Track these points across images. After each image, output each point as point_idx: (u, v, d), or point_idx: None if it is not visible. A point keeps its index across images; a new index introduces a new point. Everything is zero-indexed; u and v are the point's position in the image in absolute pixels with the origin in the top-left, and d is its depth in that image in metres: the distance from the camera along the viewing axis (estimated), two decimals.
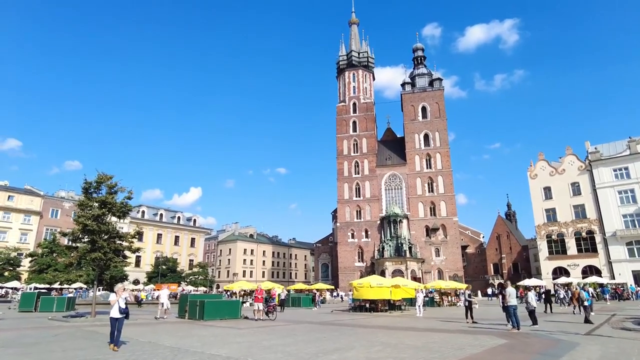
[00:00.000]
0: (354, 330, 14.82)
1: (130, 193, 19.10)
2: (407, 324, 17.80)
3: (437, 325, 16.73)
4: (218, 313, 18.90)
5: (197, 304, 18.71)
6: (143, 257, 73.59)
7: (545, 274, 54.92)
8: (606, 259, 51.36)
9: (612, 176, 52.67)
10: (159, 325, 16.49)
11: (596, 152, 54.59)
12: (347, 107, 79.10)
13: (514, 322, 13.71)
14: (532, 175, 59.31)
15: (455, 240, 68.88)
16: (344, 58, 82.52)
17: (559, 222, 55.51)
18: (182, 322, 17.92)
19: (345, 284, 69.95)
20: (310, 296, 38.26)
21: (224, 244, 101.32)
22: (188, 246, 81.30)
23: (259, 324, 17.32)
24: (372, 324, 17.93)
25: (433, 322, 18.35)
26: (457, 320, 19.51)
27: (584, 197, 54.47)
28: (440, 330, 14.63)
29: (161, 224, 77.62)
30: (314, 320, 19.66)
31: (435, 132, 73.41)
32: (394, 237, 68.01)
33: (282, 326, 16.42)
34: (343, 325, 17.14)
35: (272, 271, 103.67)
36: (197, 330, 14.61)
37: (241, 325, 16.61)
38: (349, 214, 73.69)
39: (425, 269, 67.49)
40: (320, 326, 16.52)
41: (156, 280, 61.02)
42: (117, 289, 10.49)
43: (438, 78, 77.59)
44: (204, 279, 69.62)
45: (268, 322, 18.00)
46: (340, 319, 21.04)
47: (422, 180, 71.81)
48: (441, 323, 17.94)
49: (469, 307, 25.75)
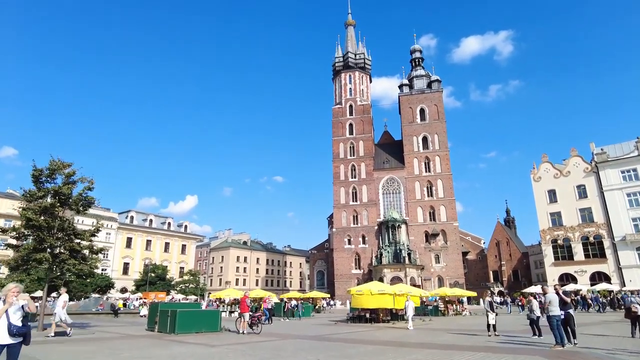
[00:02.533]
0: (355, 348, 12.02)
1: (90, 183, 16.28)
2: (419, 338, 15.00)
3: (455, 340, 13.97)
4: (193, 325, 16.08)
5: (169, 315, 15.84)
6: (131, 264, 70.61)
7: (551, 280, 52.25)
8: (616, 264, 48.92)
9: (620, 178, 50.43)
10: (111, 342, 13.59)
11: (603, 153, 52.43)
12: (344, 110, 76.83)
13: (557, 336, 11.04)
14: (535, 178, 57.01)
15: (456, 246, 66.31)
16: (339, 59, 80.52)
17: (564, 227, 53.09)
18: (147, 337, 15.05)
19: (341, 292, 67.06)
20: (305, 305, 35.40)
21: (217, 251, 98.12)
22: (179, 253, 78.09)
23: (239, 339, 14.59)
24: (377, 338, 15.18)
25: (447, 336, 15.61)
26: (474, 332, 16.85)
27: (590, 200, 52.16)
28: (464, 347, 11.92)
29: (151, 230, 74.48)
30: (307, 334, 16.83)
31: (434, 135, 71.20)
32: (392, 242, 65.39)
33: (267, 342, 13.66)
34: (341, 340, 14.40)
35: (266, 279, 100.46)
36: (157, 349, 11.70)
37: (216, 341, 13.84)
38: (345, 219, 70.98)
39: (425, 275, 64.78)
40: (313, 343, 13.78)
41: (144, 289, 57.93)
42: (4, 293, 5.84)
43: (437, 80, 75.67)
44: (194, 287, 66.69)
45: (251, 337, 15.26)
46: (338, 331, 18.26)
47: (421, 184, 69.39)
48: (458, 337, 15.19)
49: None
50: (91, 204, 16.80)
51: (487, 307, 15.31)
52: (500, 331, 16.06)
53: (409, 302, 19.73)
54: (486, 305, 15.53)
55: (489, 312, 15.00)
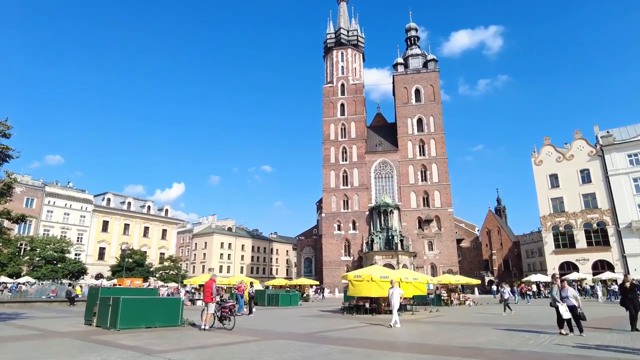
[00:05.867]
0: (366, 355, 8.34)
1: (5, 127, 12.07)
2: (443, 337, 11.28)
3: (522, 343, 10.04)
4: (143, 318, 12.26)
5: (110, 303, 11.95)
6: (108, 249, 66.27)
7: (551, 269, 49.66)
8: (620, 252, 46.44)
9: (626, 162, 47.72)
10: (12, 344, 9.54)
11: (609, 135, 49.60)
12: (335, 89, 72.71)
13: None
14: (536, 161, 54.07)
15: (450, 233, 63.42)
16: (331, 36, 76.14)
17: (566, 213, 50.38)
18: (72, 335, 11.15)
19: (330, 279, 63.88)
20: (292, 293, 31.89)
21: (200, 237, 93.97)
22: (159, 238, 73.71)
23: (200, 339, 10.73)
24: (387, 337, 11.38)
25: (495, 334, 11.94)
26: (519, 326, 13.49)
27: (594, 185, 49.44)
28: (523, 352, 8.33)
29: (129, 213, 69.87)
30: (294, 331, 13.01)
31: (429, 117, 67.72)
32: (384, 229, 62.19)
33: (237, 346, 9.76)
34: (340, 340, 10.72)
35: (251, 266, 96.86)
36: (63, 359, 7.85)
37: (166, 342, 9.98)
38: (335, 203, 67.38)
39: (418, 263, 61.86)
40: (303, 345, 9.90)
41: (121, 275, 53.71)
42: None
43: (433, 59, 71.95)
44: (175, 274, 62.74)
45: (220, 335, 11.55)
46: (333, 326, 14.53)
47: (414, 168, 66.08)
48: (514, 336, 11.37)
49: (506, 304, 20.12)
50: (9, 157, 12.54)
51: (555, 297, 11.19)
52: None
53: (395, 289, 15.05)
54: (555, 294, 11.31)
55: (559, 302, 10.87)
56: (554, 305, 10.90)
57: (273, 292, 32.59)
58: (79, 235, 63.02)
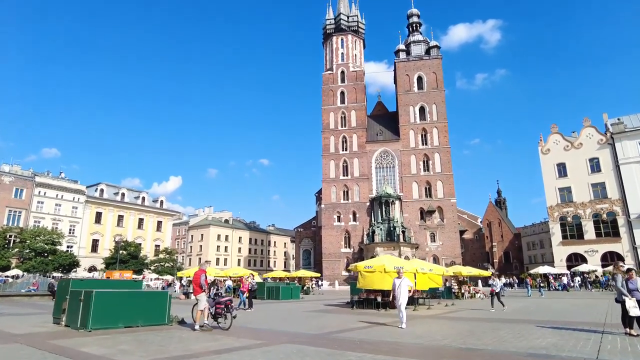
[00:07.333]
0: None
1: None
2: (490, 339, 9.36)
3: (568, 341, 8.60)
4: (121, 315, 10.24)
5: (81, 298, 9.87)
6: (101, 241, 64.34)
7: (559, 260, 48.29)
8: (630, 244, 44.98)
9: (638, 150, 46.16)
10: None
11: (619, 123, 47.91)
12: (335, 76, 70.59)
13: None
14: (543, 150, 52.39)
15: (453, 224, 61.85)
16: (331, 22, 73.85)
17: (574, 203, 48.83)
18: (27, 339, 8.92)
19: (330, 272, 62.32)
20: (292, 285, 30.18)
21: (196, 229, 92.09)
22: (154, 230, 71.80)
23: (188, 344, 8.48)
24: (425, 340, 9.31)
25: (530, 331, 10.12)
26: (569, 324, 11.76)
27: (604, 174, 47.86)
28: None
29: (123, 204, 67.82)
30: (305, 331, 10.92)
31: (432, 105, 65.79)
32: (386, 220, 60.53)
33: (238, 353, 7.65)
34: (367, 345, 8.48)
35: (249, 259, 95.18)
36: None
37: (143, 350, 7.68)
38: (335, 194, 65.59)
39: (420, 255, 60.22)
40: (322, 352, 7.68)
41: (114, 267, 51.93)
42: None
43: (435, 46, 69.87)
44: (170, 266, 61.09)
45: (214, 337, 9.46)
46: (349, 325, 12.40)
47: (416, 158, 64.30)
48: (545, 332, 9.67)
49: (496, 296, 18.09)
50: None
51: (622, 289, 9.21)
52: (611, 325, 10.77)
53: (403, 279, 12.27)
54: (620, 285, 9.32)
55: (626, 296, 8.96)
56: (620, 299, 9.11)
57: (273, 284, 30.86)
58: (71, 227, 60.99)
